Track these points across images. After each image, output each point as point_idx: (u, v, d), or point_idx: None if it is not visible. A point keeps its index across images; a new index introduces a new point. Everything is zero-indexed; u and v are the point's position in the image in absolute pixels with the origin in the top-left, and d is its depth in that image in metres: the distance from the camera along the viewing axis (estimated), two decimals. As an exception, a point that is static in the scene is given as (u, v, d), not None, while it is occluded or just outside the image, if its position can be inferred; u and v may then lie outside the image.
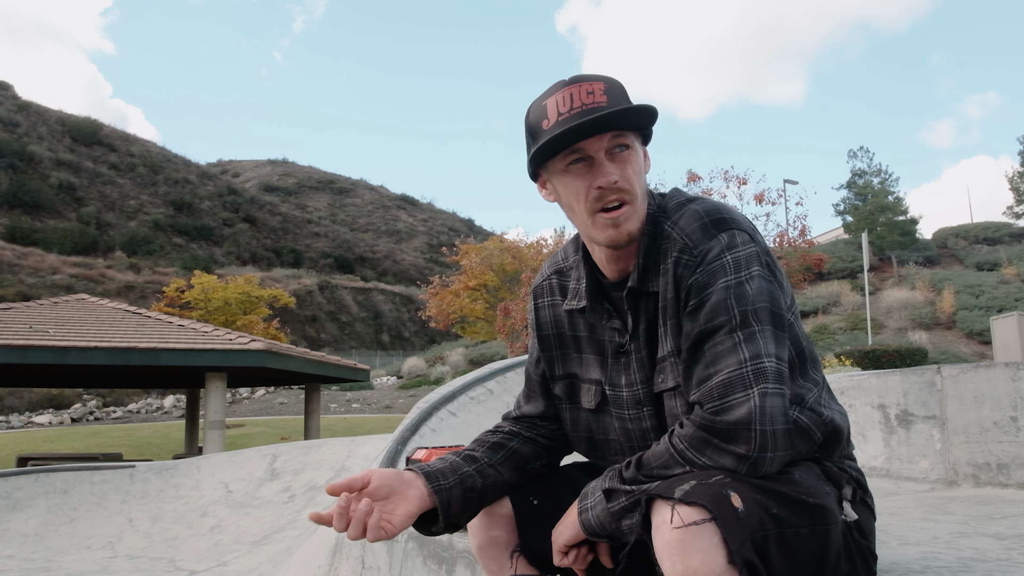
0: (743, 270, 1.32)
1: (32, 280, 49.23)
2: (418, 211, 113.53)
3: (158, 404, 33.49)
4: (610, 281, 1.48)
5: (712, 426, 1.25)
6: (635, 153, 1.39)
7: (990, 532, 2.29)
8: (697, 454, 1.25)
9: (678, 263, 1.36)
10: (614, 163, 1.36)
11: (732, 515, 1.13)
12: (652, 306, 1.41)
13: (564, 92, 1.37)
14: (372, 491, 1.42)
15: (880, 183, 39.42)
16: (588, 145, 1.35)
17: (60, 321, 13.48)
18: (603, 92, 1.36)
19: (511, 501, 1.53)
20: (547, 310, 1.60)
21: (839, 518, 1.31)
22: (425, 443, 3.72)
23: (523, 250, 32.65)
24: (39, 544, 6.15)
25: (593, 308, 1.49)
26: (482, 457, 1.55)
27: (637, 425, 1.46)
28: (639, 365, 1.44)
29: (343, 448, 7.03)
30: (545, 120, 1.38)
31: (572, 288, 1.55)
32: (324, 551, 3.58)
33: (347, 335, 60.85)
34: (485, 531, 1.54)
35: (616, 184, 1.35)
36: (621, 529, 1.30)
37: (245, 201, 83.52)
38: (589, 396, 1.53)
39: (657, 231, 1.41)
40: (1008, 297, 28.60)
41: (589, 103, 1.35)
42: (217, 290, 27.86)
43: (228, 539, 5.93)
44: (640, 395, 1.44)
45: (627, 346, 1.45)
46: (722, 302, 1.30)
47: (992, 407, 3.53)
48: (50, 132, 72.97)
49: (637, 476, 1.30)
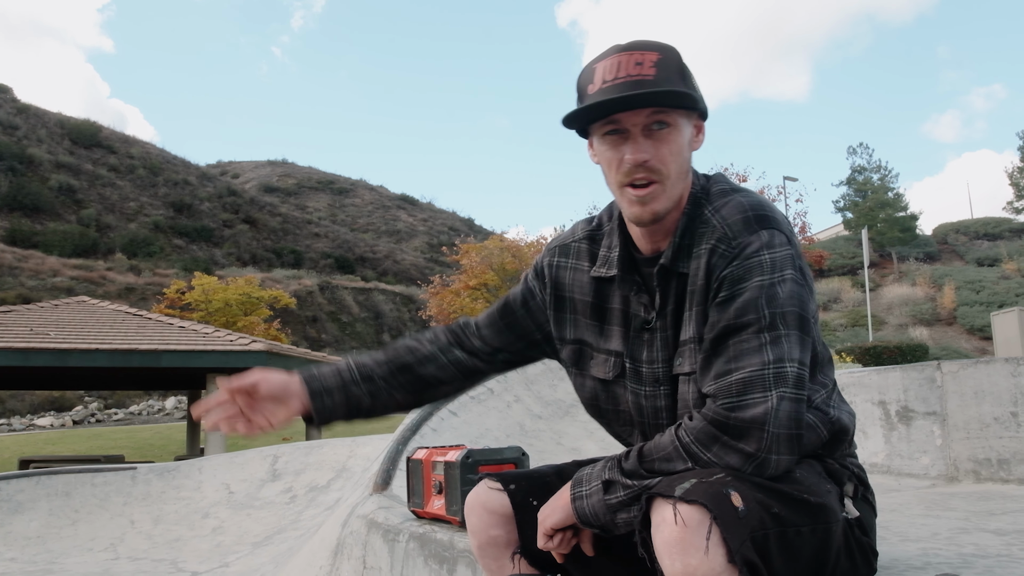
0: (777, 271, 1.30)
1: (33, 283, 49.24)
2: (418, 211, 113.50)
3: (159, 406, 33.51)
4: (643, 255, 1.46)
5: (724, 422, 1.24)
6: (676, 131, 1.35)
7: (991, 528, 2.29)
8: (703, 449, 1.24)
9: (714, 251, 1.34)
10: (650, 140, 1.33)
11: (732, 514, 1.12)
12: (681, 287, 1.40)
13: (614, 59, 1.34)
14: (260, 394, 1.58)
15: (880, 179, 39.45)
16: (625, 118, 1.33)
17: (61, 323, 13.49)
18: (653, 64, 1.32)
19: (511, 502, 1.52)
20: (569, 272, 1.56)
21: (840, 516, 1.31)
22: (426, 443, 3.72)
23: (523, 249, 32.66)
24: (41, 546, 6.15)
25: (623, 279, 1.47)
26: (381, 378, 1.63)
27: (652, 403, 1.45)
28: (663, 343, 1.43)
29: (344, 448, 7.03)
30: (591, 84, 1.36)
31: (603, 255, 1.52)
32: (326, 551, 3.58)
33: (348, 335, 60.84)
34: (485, 531, 1.53)
35: (646, 163, 1.33)
36: (615, 522, 1.29)
37: (245, 202, 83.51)
38: (607, 367, 1.50)
39: (696, 213, 1.40)
40: (1009, 292, 28.61)
41: (635, 75, 1.31)
42: (218, 291, 27.88)
43: (230, 540, 5.94)
44: (659, 374, 1.43)
45: (653, 323, 1.43)
46: (754, 300, 1.29)
47: (992, 403, 3.53)
48: (49, 135, 72.97)
49: (638, 469, 1.28)
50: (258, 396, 1.58)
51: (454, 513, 2.42)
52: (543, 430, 4.74)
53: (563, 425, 4.85)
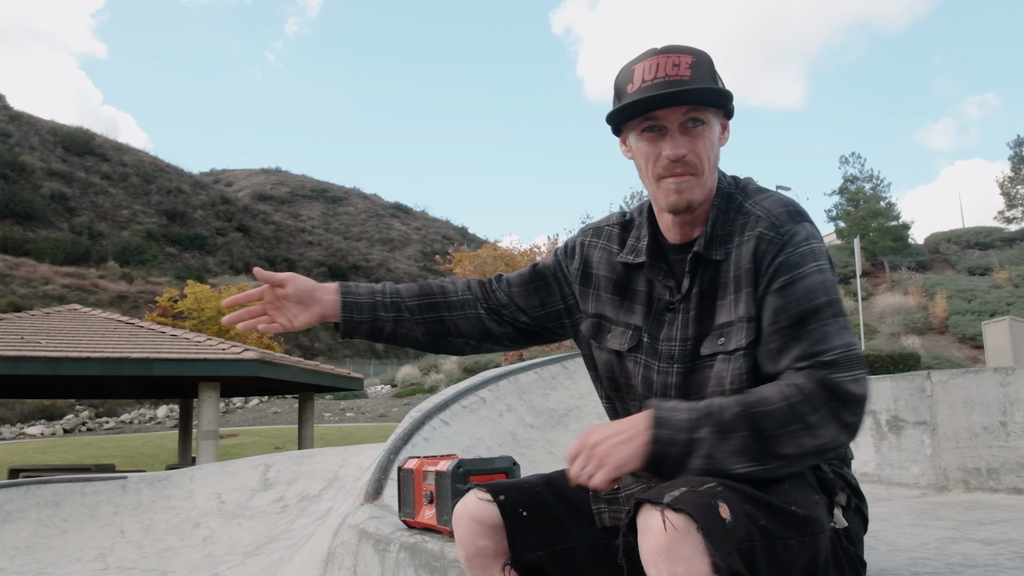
0: (823, 260, 1.42)
1: (24, 290, 49.03)
2: (412, 219, 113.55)
3: (151, 414, 33.33)
4: (670, 244, 1.55)
5: (836, 390, 1.29)
6: (709, 128, 1.45)
7: (979, 537, 2.30)
8: (811, 411, 1.27)
9: (761, 238, 1.43)
10: (686, 136, 1.43)
11: (719, 526, 1.13)
12: (711, 273, 1.48)
13: (652, 60, 1.44)
14: (286, 293, 1.66)
15: (872, 188, 39.61)
16: (663, 115, 1.43)
17: (52, 332, 13.42)
18: (688, 66, 1.42)
19: (500, 513, 1.51)
20: (600, 251, 1.66)
21: (828, 527, 1.32)
22: (418, 452, 3.71)
23: (516, 257, 32.65)
24: (30, 556, 6.11)
25: (651, 265, 1.55)
26: (408, 310, 1.71)
27: (662, 379, 1.51)
28: (683, 323, 1.50)
29: (336, 458, 7.01)
30: (630, 84, 1.46)
31: (631, 244, 1.61)
32: (316, 561, 3.57)
33: (341, 344, 60.68)
34: (472, 542, 1.53)
35: (684, 157, 1.43)
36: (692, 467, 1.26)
37: (238, 210, 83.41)
38: (623, 338, 1.57)
39: (730, 206, 1.50)
40: (1000, 301, 28.74)
41: (673, 75, 1.41)
42: (210, 300, 27.77)
43: (220, 550, 5.91)
44: (675, 351, 1.50)
45: (676, 305, 1.51)
46: (820, 284, 1.39)
47: (982, 412, 3.54)
48: (42, 142, 72.83)
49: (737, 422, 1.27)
50: (285, 295, 1.66)
51: (445, 523, 2.42)
52: (535, 439, 4.74)
53: (555, 435, 4.86)
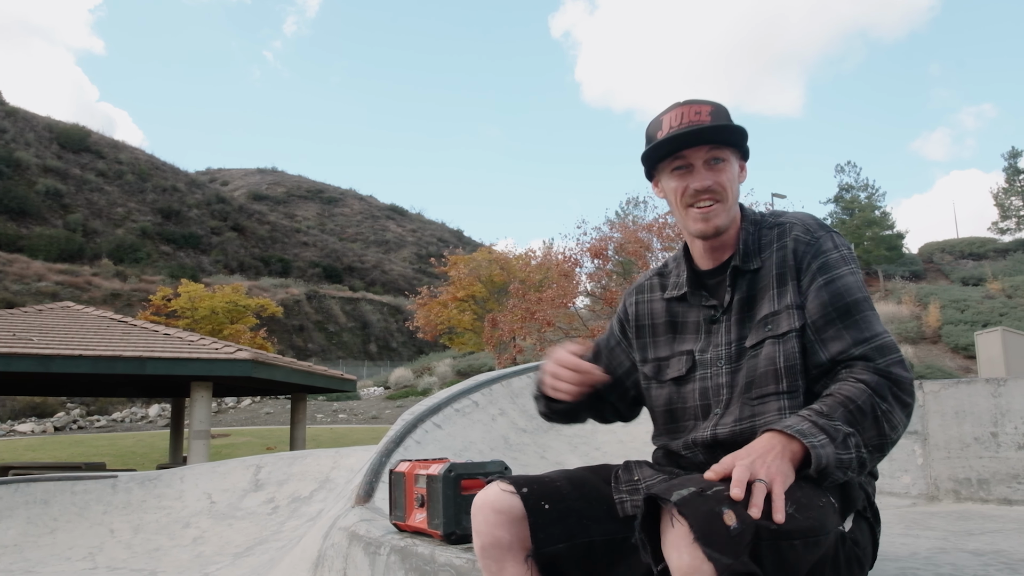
0: (854, 264, 1.64)
1: (17, 287, 48.84)
2: (407, 221, 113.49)
3: (143, 413, 33.21)
4: (705, 270, 1.76)
5: (889, 374, 1.49)
6: (730, 165, 1.68)
7: (969, 548, 2.31)
8: (881, 400, 1.45)
9: (799, 240, 1.65)
10: (710, 171, 1.66)
11: (722, 532, 1.15)
12: (749, 282, 1.69)
13: (677, 111, 1.68)
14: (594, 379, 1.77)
15: (867, 198, 39.76)
16: (690, 154, 1.66)
17: (44, 329, 13.38)
18: (708, 113, 1.66)
19: (524, 505, 1.55)
20: (646, 304, 1.88)
21: (833, 530, 1.33)
22: (410, 455, 3.71)
23: (511, 261, 32.73)
24: (18, 555, 6.08)
25: (693, 293, 1.77)
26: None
27: (714, 381, 1.68)
28: (726, 331, 1.69)
29: (328, 459, 7.00)
30: (660, 131, 1.69)
31: (672, 282, 1.84)
32: (306, 563, 3.56)
33: (335, 345, 60.62)
34: (490, 531, 1.56)
35: (709, 187, 1.65)
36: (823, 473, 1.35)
37: (233, 210, 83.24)
38: (679, 365, 1.75)
39: (759, 228, 1.73)
40: (993, 312, 28.85)
41: (696, 121, 1.65)
42: (204, 299, 27.73)
43: (210, 550, 5.89)
44: (722, 353, 1.68)
45: (719, 317, 1.71)
46: (855, 283, 1.61)
47: (973, 423, 3.56)
48: (38, 138, 72.58)
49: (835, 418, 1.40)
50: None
51: (436, 527, 2.42)
52: (527, 444, 4.74)
53: (547, 439, 4.85)
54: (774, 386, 1.60)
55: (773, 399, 1.60)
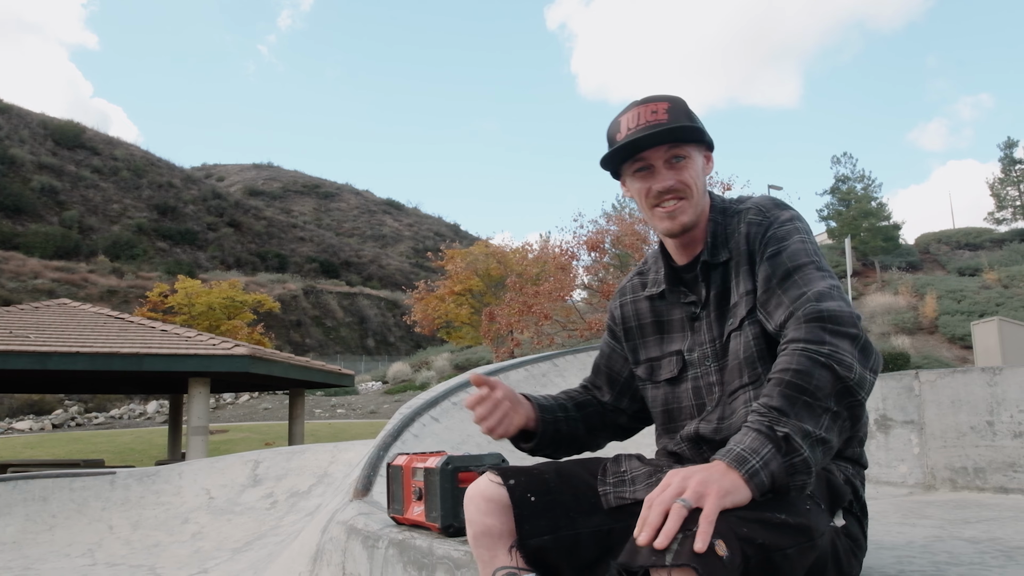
0: (805, 235, 1.62)
1: (13, 284, 48.74)
2: (404, 216, 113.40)
3: (141, 410, 33.21)
4: (681, 265, 1.75)
5: (819, 314, 1.43)
6: (691, 161, 1.66)
7: (965, 536, 2.32)
8: (819, 345, 1.37)
9: (751, 223, 1.65)
10: (672, 170, 1.65)
11: (718, 565, 1.14)
12: (722, 274, 1.68)
13: (634, 111, 1.66)
14: (499, 397, 1.73)
15: (863, 189, 39.75)
16: (649, 155, 1.65)
17: (41, 326, 13.35)
18: (665, 111, 1.64)
19: (509, 497, 1.54)
20: (630, 306, 1.86)
21: (825, 529, 1.33)
22: (407, 449, 3.71)
23: (508, 255, 32.69)
24: (17, 552, 6.08)
25: (671, 290, 1.77)
26: (570, 410, 1.87)
27: (705, 380, 1.68)
28: (707, 327, 1.69)
29: (326, 454, 7.00)
30: (619, 133, 1.67)
31: (652, 279, 1.83)
32: (305, 558, 3.56)
33: (332, 340, 60.62)
34: (481, 519, 1.56)
35: (671, 187, 1.64)
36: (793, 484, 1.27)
37: (230, 205, 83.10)
38: (671, 366, 1.75)
39: (724, 217, 1.71)
40: (989, 302, 28.90)
41: (653, 120, 1.63)
42: (201, 295, 27.72)
43: (209, 546, 5.89)
44: (708, 352, 1.68)
45: (699, 314, 1.71)
46: (802, 249, 1.58)
47: (969, 412, 3.56)
48: (32, 135, 72.35)
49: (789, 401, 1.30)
50: (498, 399, 1.73)
51: (434, 519, 2.42)
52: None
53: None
54: (738, 380, 1.60)
55: (740, 393, 1.60)
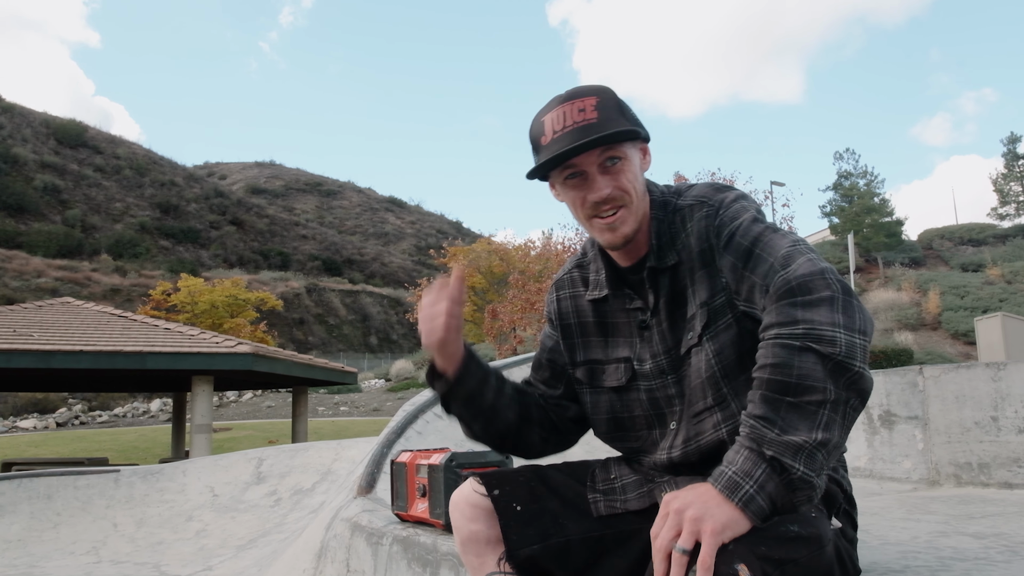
0: (754, 211, 1.45)
1: (16, 283, 48.83)
2: (406, 213, 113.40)
3: (144, 408, 33.27)
4: (626, 267, 1.57)
5: (787, 286, 1.27)
6: (627, 162, 1.47)
7: (970, 531, 2.31)
8: (792, 326, 1.23)
9: (698, 220, 1.47)
10: (607, 175, 1.45)
11: None
12: (671, 279, 1.51)
13: (558, 110, 1.46)
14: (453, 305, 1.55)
15: (866, 185, 39.66)
16: (580, 161, 1.45)
17: (45, 325, 13.38)
18: (594, 108, 1.44)
19: (495, 507, 1.52)
20: (568, 301, 1.67)
21: (831, 535, 1.33)
22: (411, 446, 3.71)
23: (511, 252, 32.67)
24: (22, 550, 6.09)
25: (615, 295, 1.58)
26: (506, 390, 1.65)
27: (663, 393, 1.53)
28: (660, 337, 1.52)
29: (329, 451, 7.01)
30: (543, 136, 1.48)
31: (592, 280, 1.63)
32: (309, 555, 3.57)
33: (335, 338, 60.66)
34: (467, 525, 1.54)
35: (608, 196, 1.45)
36: (796, 500, 1.19)
37: (232, 204, 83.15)
38: (617, 374, 1.58)
39: (667, 212, 1.53)
40: (992, 298, 28.85)
41: (580, 120, 1.43)
42: (204, 293, 27.74)
43: (214, 543, 5.91)
44: (664, 364, 1.52)
45: (649, 321, 1.53)
46: (754, 220, 1.42)
47: (973, 407, 3.56)
48: (35, 134, 72.42)
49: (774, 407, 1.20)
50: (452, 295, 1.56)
51: (438, 516, 2.42)
52: (529, 433, 4.73)
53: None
54: (702, 402, 1.47)
55: (707, 415, 1.47)
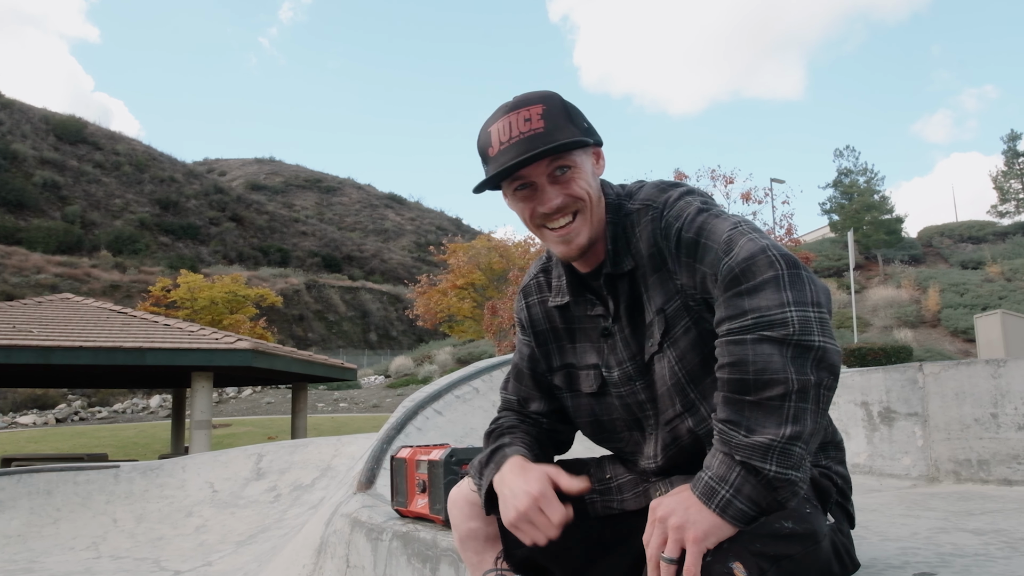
0: (700, 204, 1.40)
1: (16, 279, 48.81)
2: (406, 210, 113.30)
3: (144, 404, 33.27)
4: (586, 272, 1.53)
5: (731, 274, 1.23)
6: (578, 170, 1.43)
7: (969, 527, 2.31)
8: (743, 315, 1.19)
9: (646, 224, 1.43)
10: (557, 185, 1.42)
11: None
12: (629, 283, 1.47)
13: (504, 120, 1.42)
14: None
15: (866, 182, 39.65)
16: (528, 172, 1.41)
17: (44, 321, 13.37)
18: (540, 116, 1.40)
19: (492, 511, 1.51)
20: (538, 307, 1.65)
21: (827, 530, 1.34)
22: (411, 442, 3.71)
23: (510, 249, 32.64)
24: (22, 545, 6.10)
25: (576, 301, 1.55)
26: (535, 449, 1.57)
27: (634, 399, 1.50)
28: (624, 344, 1.49)
29: (329, 447, 7.01)
30: (490, 147, 1.43)
31: (555, 285, 1.60)
32: (309, 550, 3.57)
33: (334, 334, 60.65)
34: (465, 522, 1.55)
35: (559, 207, 1.42)
36: (778, 499, 1.18)
37: (232, 200, 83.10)
38: (589, 381, 1.56)
39: (621, 215, 1.48)
40: (992, 295, 28.86)
41: (527, 131, 1.39)
42: (203, 289, 27.71)
43: (213, 539, 5.91)
44: (630, 371, 1.49)
45: (611, 328, 1.50)
46: (697, 211, 1.37)
47: (973, 404, 3.56)
48: (34, 130, 72.34)
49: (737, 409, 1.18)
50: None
51: (437, 512, 2.42)
52: (528, 430, 4.73)
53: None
54: (672, 409, 1.45)
55: (678, 421, 1.45)
